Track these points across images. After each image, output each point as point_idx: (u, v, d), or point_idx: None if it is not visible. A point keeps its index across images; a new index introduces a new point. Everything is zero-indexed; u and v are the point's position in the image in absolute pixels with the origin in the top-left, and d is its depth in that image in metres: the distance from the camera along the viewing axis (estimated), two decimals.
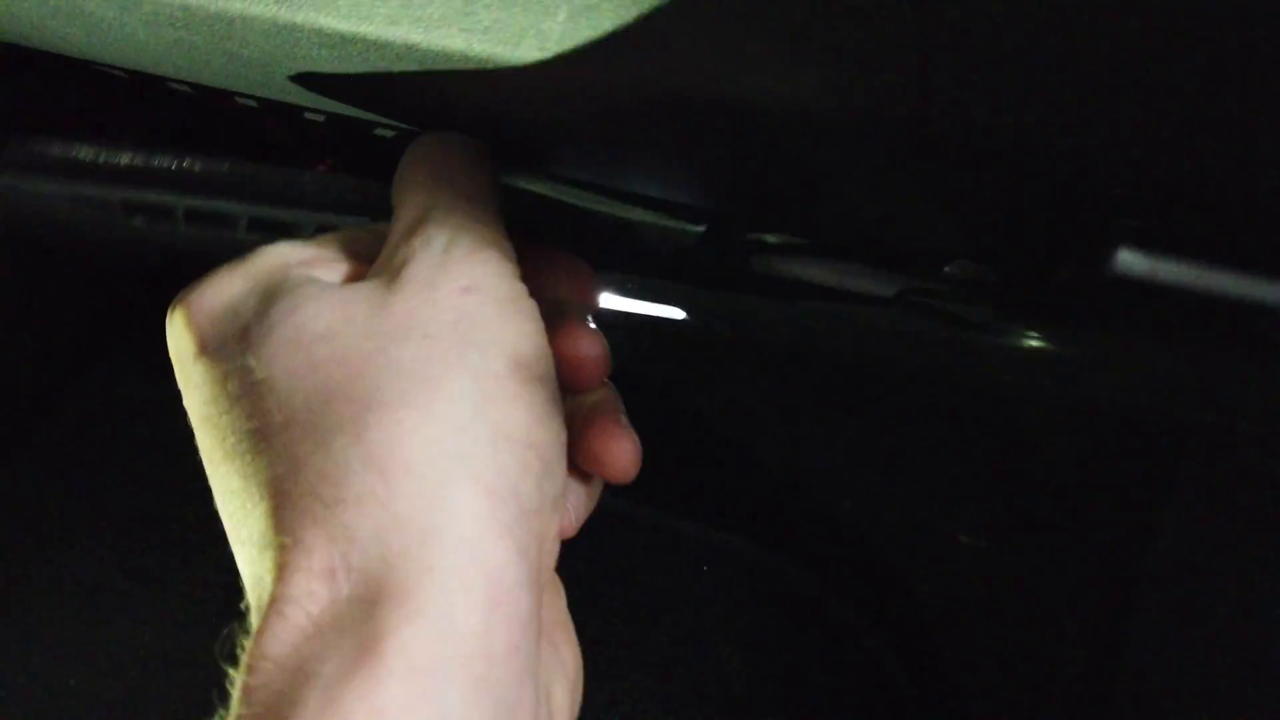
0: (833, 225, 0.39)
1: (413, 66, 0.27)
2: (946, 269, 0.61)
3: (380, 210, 0.34)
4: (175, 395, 0.30)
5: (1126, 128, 0.25)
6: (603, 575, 0.68)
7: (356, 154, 0.75)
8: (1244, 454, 0.54)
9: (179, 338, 0.27)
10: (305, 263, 0.28)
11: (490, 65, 0.26)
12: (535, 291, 0.28)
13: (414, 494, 0.22)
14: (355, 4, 0.24)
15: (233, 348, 0.25)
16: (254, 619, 0.23)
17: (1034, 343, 0.40)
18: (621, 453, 0.29)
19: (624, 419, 0.30)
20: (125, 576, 0.69)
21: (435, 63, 0.26)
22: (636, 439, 0.30)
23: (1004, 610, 0.68)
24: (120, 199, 0.39)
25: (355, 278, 0.28)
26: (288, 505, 0.22)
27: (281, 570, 0.22)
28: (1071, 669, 0.65)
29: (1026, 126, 0.25)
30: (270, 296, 0.26)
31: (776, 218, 0.39)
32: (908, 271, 0.58)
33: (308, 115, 0.43)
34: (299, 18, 0.25)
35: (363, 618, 0.20)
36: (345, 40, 0.26)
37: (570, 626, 0.28)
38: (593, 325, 0.31)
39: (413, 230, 0.27)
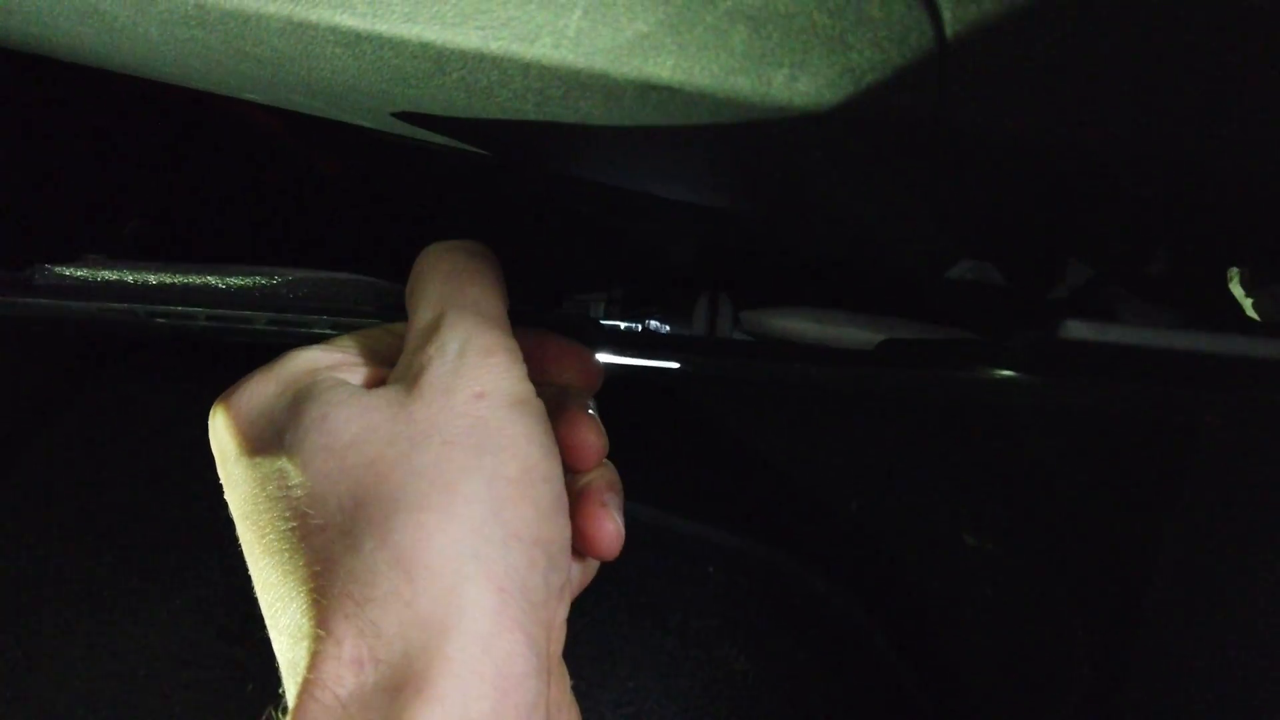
0: (847, 225, 0.39)
1: (427, 65, 0.27)
2: (952, 272, 0.61)
3: (393, 309, 0.37)
4: (180, 398, 0.31)
5: (1141, 126, 0.26)
6: (609, 576, 0.68)
7: (366, 156, 0.75)
8: (1250, 454, 0.54)
9: (221, 438, 0.29)
10: (331, 367, 0.30)
11: (504, 64, 0.26)
12: (541, 379, 0.31)
13: (434, 593, 0.24)
14: (371, 1, 0.25)
15: (271, 451, 0.27)
16: (289, 698, 0.25)
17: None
18: (604, 535, 0.32)
19: (611, 500, 0.32)
20: (131, 577, 0.69)
21: (450, 62, 0.26)
22: (619, 522, 0.32)
23: (1011, 611, 0.68)
24: (145, 311, 0.42)
25: (376, 378, 0.31)
26: (322, 602, 0.24)
27: (315, 658, 0.24)
28: (1079, 670, 0.65)
29: (1039, 124, 0.25)
30: (301, 400, 0.28)
31: (792, 218, 0.39)
32: (908, 283, 0.58)
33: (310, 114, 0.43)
34: (314, 15, 0.26)
35: (387, 703, 0.23)
36: (360, 38, 0.26)
37: (575, 707, 0.31)
38: (593, 413, 0.34)
39: (428, 336, 0.29)
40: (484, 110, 0.30)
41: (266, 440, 0.28)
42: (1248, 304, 0.42)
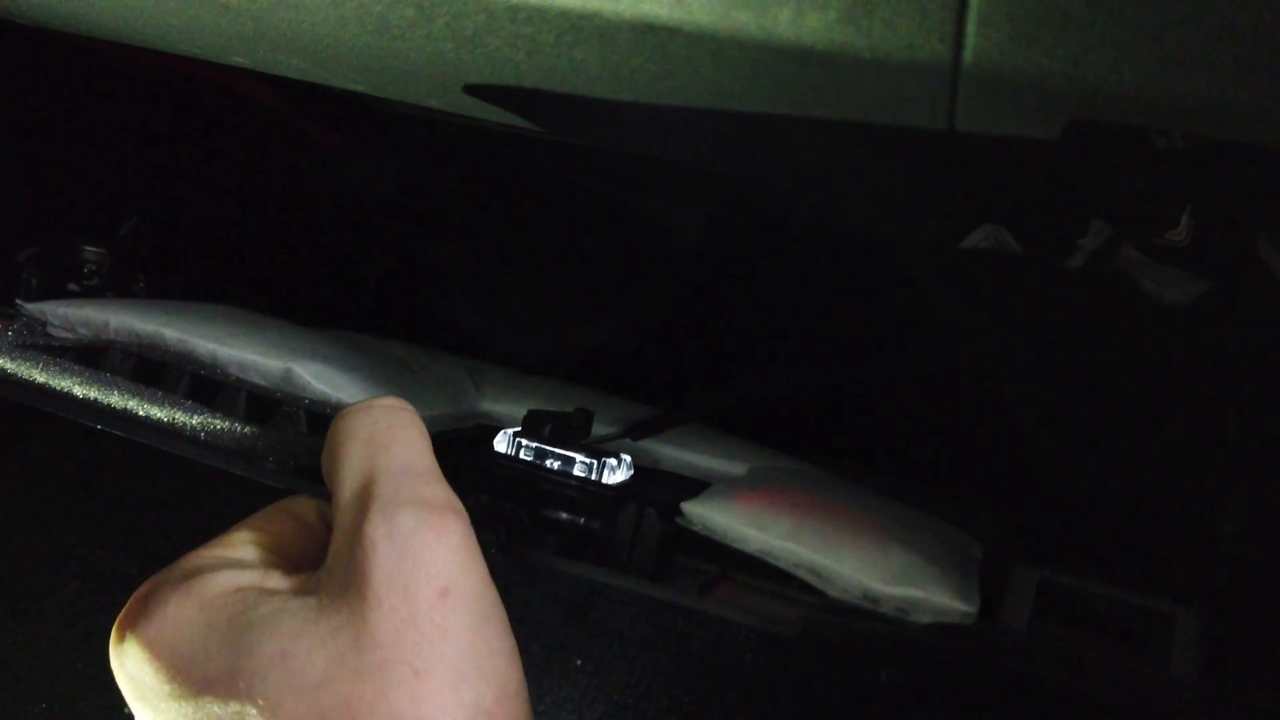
0: (859, 190, 0.37)
1: (409, 11, 0.25)
2: (967, 240, 0.59)
3: (312, 471, 0.35)
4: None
5: (1171, 69, 0.24)
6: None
7: (364, 128, 0.74)
8: None
9: (140, 674, 0.26)
10: (256, 584, 0.27)
11: (491, 5, 0.24)
12: None
13: None
14: None
15: (221, 691, 0.25)
16: None
17: None
18: None
19: None
20: (130, 563, 0.68)
21: (434, 5, 0.25)
22: None
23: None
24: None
25: (302, 584, 0.27)
26: None
27: None
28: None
29: (1066, 63, 0.23)
30: (244, 631, 0.25)
31: (801, 182, 0.38)
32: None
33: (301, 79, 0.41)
34: None
35: None
36: None
37: None
38: None
39: (362, 514, 0.26)
40: (474, 63, 0.29)
41: (212, 678, 0.25)
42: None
